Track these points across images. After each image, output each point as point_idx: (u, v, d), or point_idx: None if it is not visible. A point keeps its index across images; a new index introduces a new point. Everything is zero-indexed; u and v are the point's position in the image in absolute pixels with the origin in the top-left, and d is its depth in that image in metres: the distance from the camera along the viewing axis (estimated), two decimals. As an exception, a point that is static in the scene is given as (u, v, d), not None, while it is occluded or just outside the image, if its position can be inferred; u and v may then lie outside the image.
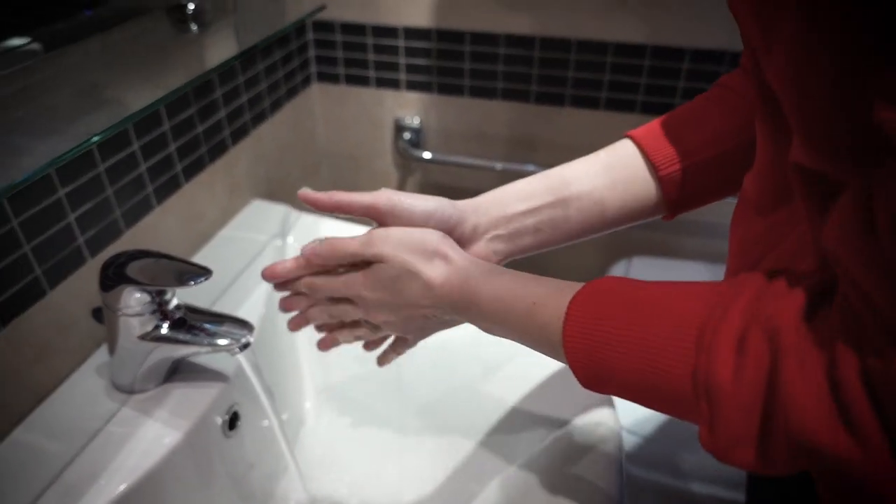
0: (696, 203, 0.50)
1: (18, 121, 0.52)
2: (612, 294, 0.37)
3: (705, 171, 0.48)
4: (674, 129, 0.48)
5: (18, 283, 0.54)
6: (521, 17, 0.91)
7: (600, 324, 0.36)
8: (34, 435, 0.55)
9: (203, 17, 0.70)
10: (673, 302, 0.35)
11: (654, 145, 0.48)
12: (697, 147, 0.47)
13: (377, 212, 0.47)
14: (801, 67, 0.27)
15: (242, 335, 0.55)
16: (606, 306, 0.37)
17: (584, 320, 0.37)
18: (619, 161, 0.49)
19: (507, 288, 0.42)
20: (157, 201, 0.69)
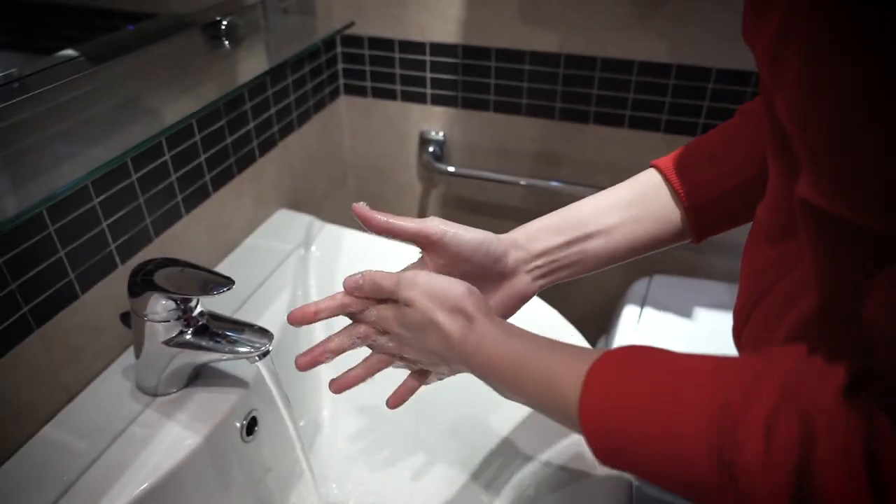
0: (721, 228, 0.51)
1: (62, 131, 0.55)
2: (632, 366, 0.36)
3: (729, 198, 0.49)
4: (697, 158, 0.49)
5: (53, 286, 0.57)
6: (546, 34, 0.92)
7: (619, 397, 0.35)
8: (63, 432, 0.57)
9: (236, 34, 0.73)
10: (696, 374, 0.33)
11: (678, 176, 0.49)
12: (720, 176, 0.48)
13: (426, 239, 0.47)
14: (807, 103, 0.28)
15: (262, 344, 0.57)
16: (625, 379, 0.35)
17: (602, 395, 0.36)
18: (646, 192, 0.50)
19: (524, 354, 0.41)
20: (185, 210, 0.72)
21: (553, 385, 0.39)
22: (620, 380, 0.36)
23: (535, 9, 0.91)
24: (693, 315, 0.93)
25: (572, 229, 0.49)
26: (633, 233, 0.49)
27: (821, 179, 0.29)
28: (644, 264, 1.08)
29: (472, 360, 0.43)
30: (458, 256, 0.47)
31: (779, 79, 0.30)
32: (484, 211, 1.14)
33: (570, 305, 1.17)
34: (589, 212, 0.50)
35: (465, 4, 0.94)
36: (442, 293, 0.45)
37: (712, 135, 0.51)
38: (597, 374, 0.36)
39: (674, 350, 0.36)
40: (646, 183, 0.50)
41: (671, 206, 0.49)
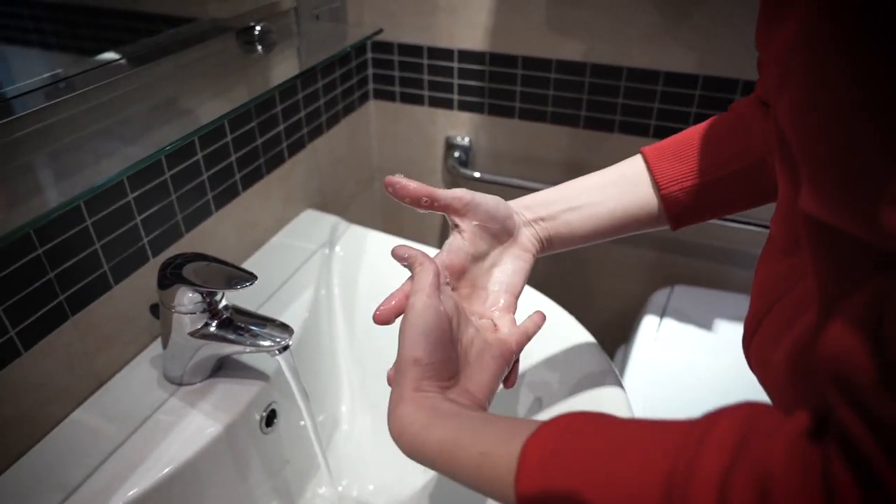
0: (696, 219, 0.54)
1: (102, 129, 0.58)
2: (569, 437, 0.34)
3: (707, 191, 0.51)
4: (682, 149, 0.52)
5: (88, 276, 0.59)
6: (572, 43, 0.93)
7: (557, 475, 0.32)
8: (93, 416, 0.60)
9: (269, 39, 0.75)
10: (638, 445, 0.31)
11: (660, 164, 0.52)
12: (702, 169, 0.51)
13: (460, 202, 0.48)
14: (808, 114, 0.28)
15: (283, 338, 0.59)
16: (563, 453, 0.33)
17: (538, 478, 0.33)
18: (629, 175, 0.53)
19: (453, 436, 0.38)
20: (215, 207, 0.75)
21: (485, 468, 0.36)
22: (556, 458, 0.33)
23: (563, 18, 0.92)
24: (713, 326, 0.93)
25: (558, 202, 0.53)
26: (613, 211, 0.52)
27: (820, 191, 0.29)
28: (667, 273, 1.08)
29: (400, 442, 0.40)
30: (487, 213, 0.49)
31: (784, 88, 0.30)
32: (507, 217, 1.14)
33: (591, 313, 1.17)
34: (577, 188, 0.54)
35: (494, 13, 0.95)
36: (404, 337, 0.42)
37: (701, 128, 0.54)
38: (530, 453, 0.34)
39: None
40: (630, 167, 0.54)
41: (650, 192, 0.52)
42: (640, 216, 0.53)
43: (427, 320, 0.42)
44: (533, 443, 0.34)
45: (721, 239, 1.02)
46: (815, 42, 0.26)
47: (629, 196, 0.52)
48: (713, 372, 0.86)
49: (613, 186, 0.53)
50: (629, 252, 1.09)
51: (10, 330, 0.53)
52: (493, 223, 0.50)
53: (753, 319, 0.43)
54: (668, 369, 0.88)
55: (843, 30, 0.25)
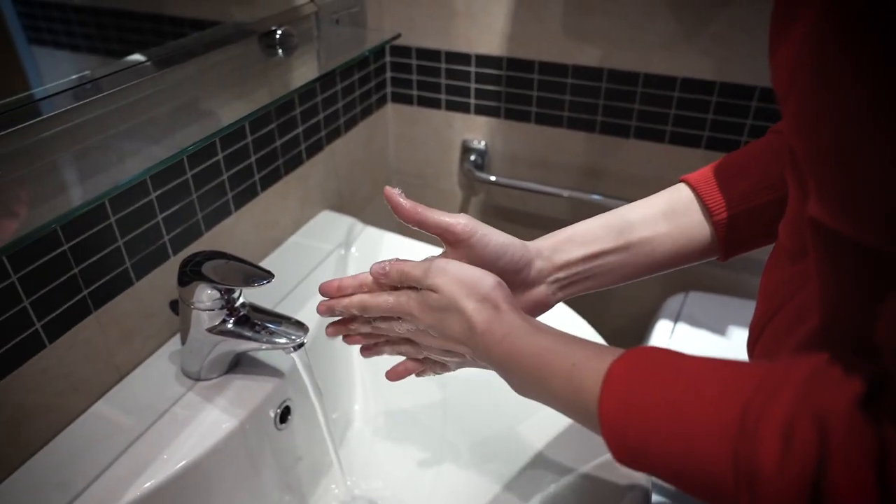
0: (749, 247, 0.51)
1: (127, 129, 0.59)
2: (654, 363, 0.36)
3: (757, 216, 0.49)
4: (727, 174, 0.50)
5: (111, 272, 0.61)
6: (589, 48, 0.94)
7: (639, 394, 0.35)
8: (113, 408, 0.62)
9: (289, 43, 0.77)
10: (717, 377, 0.33)
11: (709, 191, 0.49)
12: (750, 193, 0.49)
13: (453, 235, 0.48)
14: (812, 122, 0.28)
15: (298, 336, 0.60)
16: (648, 375, 0.35)
17: (622, 392, 0.36)
18: (676, 207, 0.50)
19: (547, 347, 0.42)
20: (234, 207, 0.76)
21: (574, 378, 0.39)
22: (641, 378, 0.36)
23: (579, 24, 0.92)
24: (726, 333, 0.93)
25: (599, 241, 0.50)
26: (660, 247, 0.49)
27: (825, 194, 0.29)
28: (680, 280, 1.08)
29: (495, 350, 0.44)
30: (481, 259, 0.48)
31: (790, 94, 0.30)
32: (522, 221, 1.15)
33: (604, 318, 1.18)
34: (618, 224, 0.50)
35: (511, 18, 0.96)
36: (471, 282, 0.45)
37: (743, 152, 0.51)
38: (617, 371, 0.37)
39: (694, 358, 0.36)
40: (676, 197, 0.50)
41: (701, 221, 0.49)
42: (689, 250, 0.50)
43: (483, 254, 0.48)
44: (620, 364, 0.37)
45: (737, 246, 1.02)
46: (819, 48, 0.27)
47: (678, 229, 0.49)
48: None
49: (662, 219, 0.50)
50: (644, 257, 1.09)
51: (36, 322, 0.55)
52: (491, 269, 0.47)
53: (758, 324, 0.43)
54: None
55: (847, 35, 0.25)
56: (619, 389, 0.36)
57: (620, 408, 0.36)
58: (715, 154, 0.94)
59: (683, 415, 0.33)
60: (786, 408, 0.29)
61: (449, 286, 0.46)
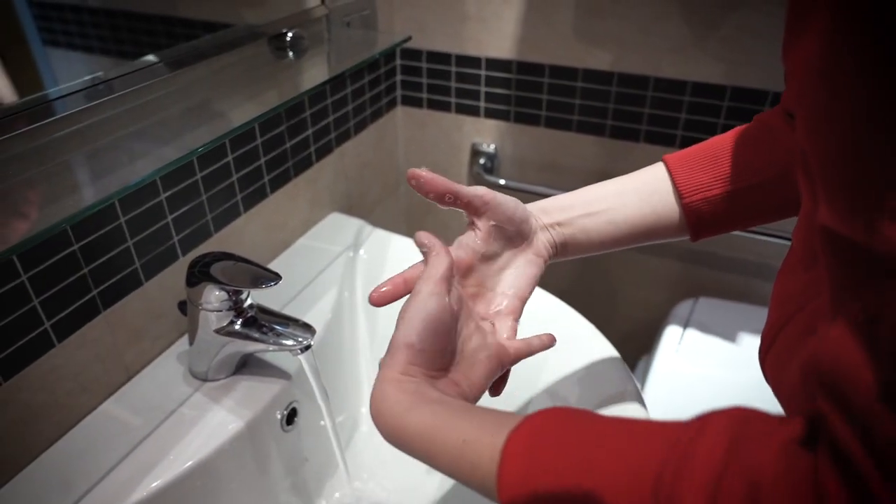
0: (719, 230, 0.52)
1: (138, 130, 0.60)
2: (556, 432, 0.33)
3: (729, 202, 0.50)
4: (706, 158, 0.51)
5: (121, 272, 0.61)
6: (600, 52, 0.94)
7: (543, 464, 0.32)
8: (121, 408, 0.62)
9: (300, 46, 0.77)
10: (626, 443, 0.31)
11: (683, 173, 0.51)
12: (725, 179, 0.50)
13: (481, 200, 0.48)
14: (822, 125, 0.28)
15: (305, 338, 0.61)
16: (549, 451, 0.32)
17: (523, 468, 0.32)
18: (650, 183, 0.52)
19: (435, 421, 0.37)
20: (244, 208, 0.77)
21: (467, 455, 0.35)
22: (544, 443, 0.33)
23: (591, 28, 0.92)
24: (737, 339, 0.92)
25: (576, 207, 0.52)
26: (631, 218, 0.51)
27: (834, 200, 0.29)
28: (690, 285, 1.07)
29: (380, 426, 0.40)
30: (504, 215, 0.48)
31: (802, 99, 0.30)
32: (531, 224, 1.15)
33: (614, 322, 1.17)
34: (595, 193, 0.53)
35: (522, 22, 0.96)
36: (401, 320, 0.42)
37: (725, 137, 0.52)
38: (516, 445, 0.33)
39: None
40: (652, 175, 0.52)
41: (671, 201, 0.51)
42: (659, 225, 0.52)
43: (429, 307, 0.41)
44: (517, 435, 0.34)
45: (747, 251, 1.01)
46: (829, 50, 0.27)
47: (649, 204, 0.51)
48: (736, 385, 0.85)
49: (633, 193, 0.52)
50: (654, 262, 1.09)
51: (45, 322, 0.55)
52: (510, 225, 0.49)
53: (770, 332, 0.42)
54: (690, 381, 0.88)
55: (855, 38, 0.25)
56: (518, 463, 0.33)
57: (521, 482, 0.32)
58: (726, 159, 0.94)
59: (593, 480, 0.30)
60: (709, 465, 0.26)
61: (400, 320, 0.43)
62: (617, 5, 0.89)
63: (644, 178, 0.53)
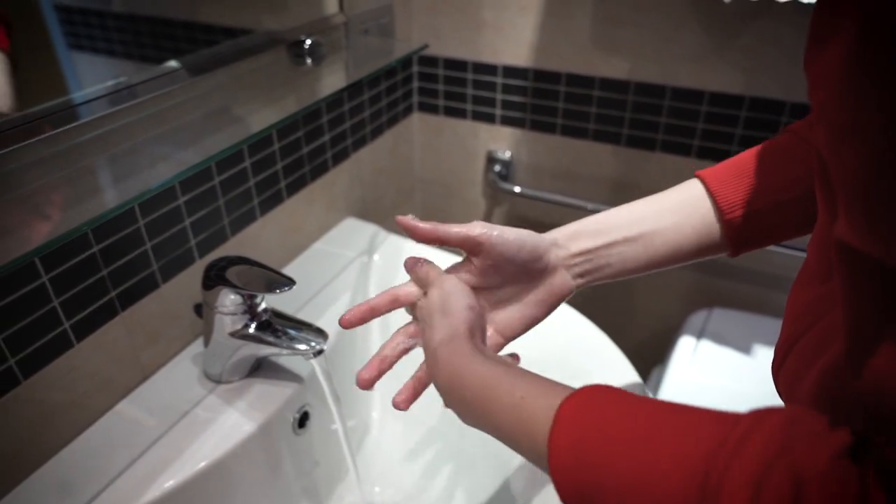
0: (759, 245, 0.51)
1: (159, 136, 0.61)
2: (611, 404, 0.34)
3: (769, 215, 0.49)
4: (742, 172, 0.50)
5: (138, 274, 0.62)
6: (617, 61, 0.93)
7: (593, 434, 0.33)
8: (136, 408, 0.63)
9: (318, 52, 0.78)
10: (679, 419, 0.31)
11: (722, 189, 0.49)
12: (764, 193, 0.49)
13: (474, 242, 0.48)
14: (842, 138, 0.28)
15: (318, 342, 0.61)
16: (603, 414, 0.33)
17: (575, 429, 0.33)
18: (688, 201, 0.51)
19: (495, 376, 0.39)
20: (260, 213, 0.77)
21: (523, 413, 0.36)
22: (597, 414, 0.33)
23: (608, 36, 0.92)
24: (751, 351, 0.91)
25: (611, 232, 0.50)
26: (671, 241, 0.50)
27: (854, 215, 0.28)
28: (707, 295, 1.06)
29: (441, 373, 0.42)
30: (502, 256, 0.48)
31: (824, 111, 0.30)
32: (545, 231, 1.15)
33: (627, 332, 1.16)
34: (629, 217, 0.51)
35: (539, 30, 0.96)
36: (448, 300, 0.46)
37: (759, 150, 0.51)
38: (570, 408, 0.34)
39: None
40: (688, 193, 0.51)
41: (711, 218, 0.50)
42: (699, 245, 0.50)
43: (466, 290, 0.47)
44: (573, 400, 0.35)
45: (763, 263, 1.00)
46: (856, 66, 0.26)
47: (688, 224, 0.50)
48: (750, 398, 0.84)
49: (671, 214, 0.50)
50: (669, 272, 1.08)
51: (65, 322, 0.56)
52: (510, 266, 0.48)
53: (784, 346, 0.42)
54: (704, 393, 0.87)
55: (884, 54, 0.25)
56: (571, 427, 0.34)
57: (572, 446, 0.33)
58: (743, 169, 0.93)
59: (642, 456, 0.30)
60: (758, 457, 0.27)
61: (435, 298, 0.46)
62: (635, 14, 0.89)
63: (680, 196, 0.51)
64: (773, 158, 0.50)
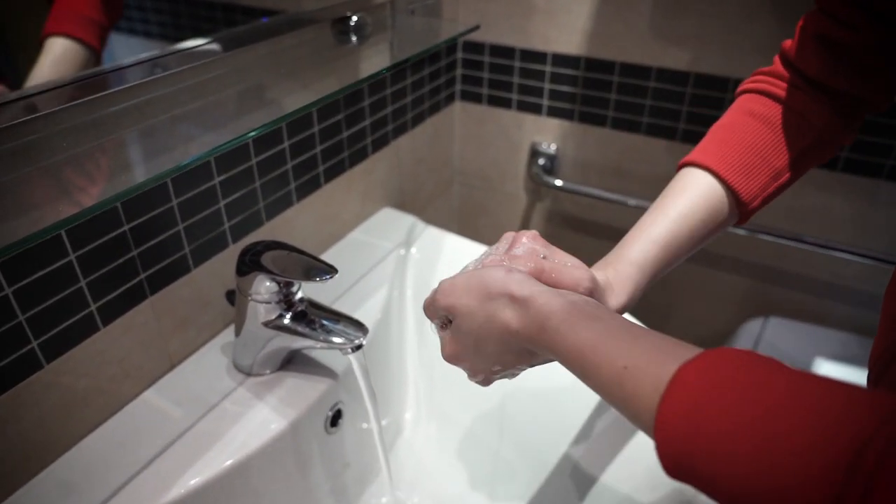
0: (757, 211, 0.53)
1: (192, 112, 0.57)
2: (734, 370, 0.29)
3: (780, 190, 0.52)
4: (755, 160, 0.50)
5: (169, 257, 0.59)
6: (677, 51, 0.88)
7: (711, 417, 0.28)
8: (162, 398, 0.60)
9: (363, 31, 0.74)
10: (822, 397, 0.26)
11: (743, 183, 0.50)
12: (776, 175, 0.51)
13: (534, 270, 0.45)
14: None
15: (356, 336, 0.57)
16: (723, 388, 0.29)
17: (689, 405, 0.29)
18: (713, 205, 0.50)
19: (593, 343, 0.35)
20: (297, 198, 0.74)
21: (626, 384, 0.33)
22: (719, 382, 0.29)
23: (669, 24, 0.87)
24: (814, 367, 0.85)
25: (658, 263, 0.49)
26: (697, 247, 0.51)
27: None
28: (761, 302, 1.00)
29: (539, 344, 0.39)
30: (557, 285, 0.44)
31: None
32: (589, 230, 1.09)
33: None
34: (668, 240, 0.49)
35: (594, 17, 0.91)
36: (480, 286, 0.41)
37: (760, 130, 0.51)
38: (685, 381, 0.30)
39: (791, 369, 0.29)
40: (708, 192, 0.50)
41: (732, 213, 0.51)
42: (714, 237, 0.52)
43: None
44: (691, 369, 0.30)
45: (821, 270, 0.94)
46: None
47: (714, 223, 0.50)
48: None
49: (702, 226, 0.50)
50: (719, 277, 1.02)
51: (91, 304, 0.53)
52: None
53: (883, 356, 0.37)
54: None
55: None
56: (685, 401, 0.30)
57: (686, 410, 0.29)
58: (810, 171, 0.87)
59: (770, 442, 0.26)
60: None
61: (462, 303, 0.42)
62: (702, 2, 0.83)
63: (704, 201, 0.50)
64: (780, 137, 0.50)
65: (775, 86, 0.51)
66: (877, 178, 0.84)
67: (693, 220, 0.49)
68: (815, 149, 0.51)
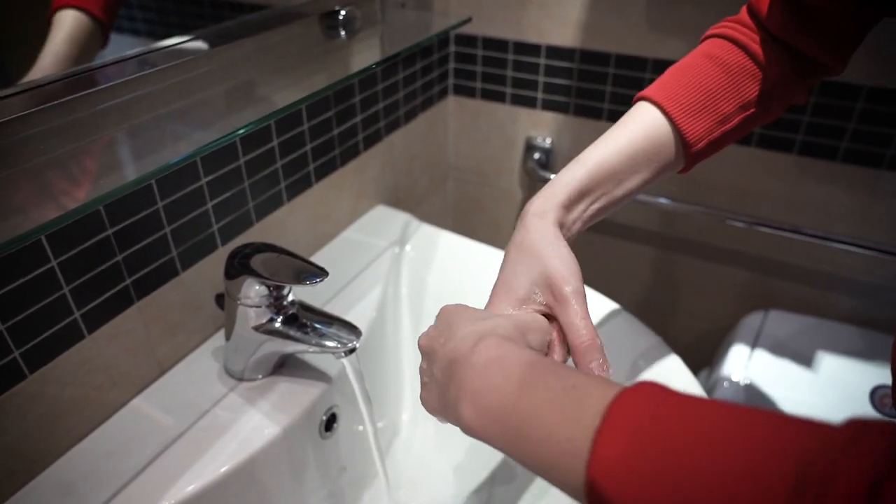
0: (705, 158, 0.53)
1: (180, 109, 0.56)
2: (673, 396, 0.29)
3: (728, 137, 0.51)
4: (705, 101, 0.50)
5: (156, 261, 0.57)
6: (674, 42, 0.86)
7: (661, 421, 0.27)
8: (152, 405, 0.58)
9: (352, 25, 0.72)
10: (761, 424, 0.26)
11: (688, 123, 0.49)
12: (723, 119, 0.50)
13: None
14: None
15: (350, 340, 0.56)
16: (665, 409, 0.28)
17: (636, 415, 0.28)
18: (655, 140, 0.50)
19: (543, 363, 0.35)
20: (287, 197, 0.72)
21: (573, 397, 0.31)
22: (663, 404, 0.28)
23: (666, 14, 0.85)
24: (815, 360, 0.84)
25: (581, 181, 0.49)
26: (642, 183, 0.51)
27: None
28: (762, 295, 0.99)
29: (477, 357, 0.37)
30: None
31: None
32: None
33: (671, 332, 1.09)
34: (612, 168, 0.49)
35: (589, 8, 0.89)
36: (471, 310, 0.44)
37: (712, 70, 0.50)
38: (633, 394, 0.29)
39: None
40: (652, 126, 0.50)
41: (676, 150, 0.50)
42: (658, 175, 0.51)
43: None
44: (633, 391, 0.30)
45: (824, 262, 0.93)
46: None
47: (656, 160, 0.50)
48: (814, 408, 0.77)
49: (644, 159, 0.49)
50: (719, 270, 1.01)
51: (75, 311, 0.51)
52: None
53: None
54: (762, 401, 0.80)
55: None
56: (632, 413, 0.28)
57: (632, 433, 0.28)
58: (809, 161, 0.86)
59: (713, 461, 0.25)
60: (869, 472, 0.22)
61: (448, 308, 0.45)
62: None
63: (646, 132, 0.50)
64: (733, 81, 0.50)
65: (740, 32, 0.50)
66: (877, 169, 0.83)
67: (631, 149, 0.49)
68: (766, 101, 0.50)
